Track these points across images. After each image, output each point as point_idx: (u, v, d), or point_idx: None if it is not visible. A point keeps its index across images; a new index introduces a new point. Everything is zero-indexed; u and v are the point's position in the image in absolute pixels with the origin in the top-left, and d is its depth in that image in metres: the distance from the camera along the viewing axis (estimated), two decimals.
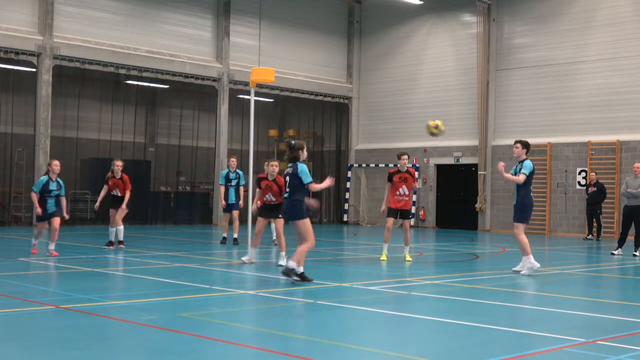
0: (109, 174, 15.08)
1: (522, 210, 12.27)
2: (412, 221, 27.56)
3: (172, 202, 25.86)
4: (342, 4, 29.76)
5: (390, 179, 14.00)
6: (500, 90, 25.99)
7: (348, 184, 29.80)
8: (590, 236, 22.04)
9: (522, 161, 12.24)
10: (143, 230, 21.77)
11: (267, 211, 12.64)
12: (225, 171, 16.94)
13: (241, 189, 16.65)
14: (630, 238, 16.36)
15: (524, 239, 11.96)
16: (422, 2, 27.30)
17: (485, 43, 25.94)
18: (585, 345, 6.42)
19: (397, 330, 7.28)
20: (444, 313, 8.05)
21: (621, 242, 16.18)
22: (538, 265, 11.95)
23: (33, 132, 22.27)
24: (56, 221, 13.45)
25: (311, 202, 10.41)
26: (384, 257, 13.95)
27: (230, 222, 16.93)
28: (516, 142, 12.40)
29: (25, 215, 22.30)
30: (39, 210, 13.30)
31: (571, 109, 24.22)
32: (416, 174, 27.61)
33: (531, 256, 11.93)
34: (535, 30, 25.25)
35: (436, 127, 12.52)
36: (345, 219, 29.60)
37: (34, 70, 22.23)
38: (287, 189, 10.35)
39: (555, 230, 24.32)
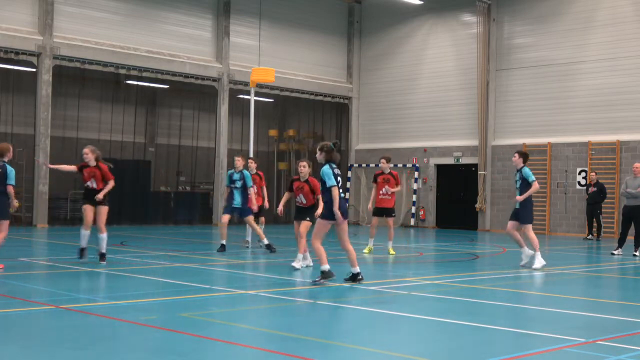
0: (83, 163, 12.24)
1: (530, 212, 13.46)
2: (412, 221, 27.67)
3: (172, 202, 25.85)
4: (342, 4, 29.77)
5: (375, 180, 15.21)
6: (500, 90, 25.99)
7: (348, 184, 29.80)
8: (590, 236, 22.04)
9: (520, 169, 13.16)
10: (143, 230, 21.76)
11: (297, 213, 12.32)
12: (230, 171, 15.64)
13: (251, 190, 14.73)
14: (630, 238, 16.35)
15: (535, 236, 13.20)
16: (422, 2, 27.30)
17: (485, 43, 25.94)
18: (585, 345, 6.42)
19: (397, 330, 7.28)
20: (444, 313, 8.05)
21: (621, 242, 16.18)
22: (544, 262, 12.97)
23: (33, 132, 22.27)
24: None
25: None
26: (367, 251, 15.00)
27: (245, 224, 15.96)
28: (515, 152, 13.42)
29: (26, 215, 22.31)
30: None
31: (571, 109, 24.22)
32: (417, 173, 27.70)
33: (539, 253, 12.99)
34: (535, 30, 25.25)
35: None
36: None
37: (34, 70, 22.24)
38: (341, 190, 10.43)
39: (555, 230, 24.31)
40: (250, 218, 14.80)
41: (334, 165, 10.44)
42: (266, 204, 15.67)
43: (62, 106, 23.39)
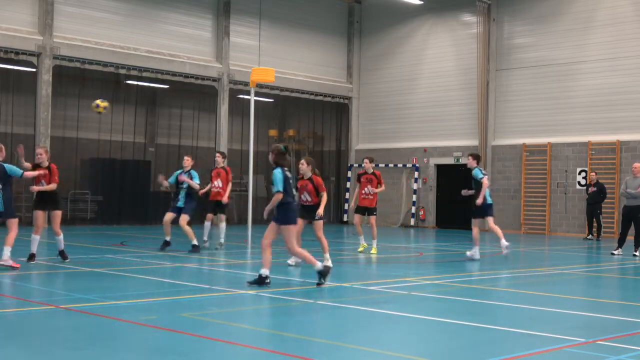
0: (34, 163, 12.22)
1: (491, 207, 14.94)
2: (413, 221, 27.66)
3: (172, 202, 25.80)
4: (342, 4, 29.76)
5: (358, 179, 15.78)
6: (500, 90, 25.98)
7: (348, 184, 29.80)
8: (590, 236, 22.03)
9: (473, 170, 14.54)
10: (143, 230, 21.75)
11: (304, 212, 12.13)
12: (178, 171, 15.30)
13: (196, 186, 14.80)
14: (630, 238, 16.34)
15: (478, 232, 14.83)
16: (422, 2, 27.29)
17: (485, 43, 25.93)
18: (585, 345, 6.42)
19: (397, 330, 7.28)
20: (444, 313, 8.05)
21: (621, 242, 16.18)
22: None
23: (33, 132, 22.26)
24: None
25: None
26: (361, 249, 15.56)
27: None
28: (469, 155, 14.83)
29: (25, 215, 22.29)
30: None
31: (571, 109, 24.22)
32: (417, 173, 27.68)
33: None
34: (535, 30, 25.25)
35: (97, 106, 13.39)
36: (345, 219, 29.59)
37: (34, 70, 22.23)
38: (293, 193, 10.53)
39: (555, 230, 24.32)
40: (184, 219, 14.61)
41: (286, 169, 10.51)
42: (225, 199, 15.56)
43: (62, 106, 23.38)
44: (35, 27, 22.10)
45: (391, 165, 28.65)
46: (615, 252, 16.08)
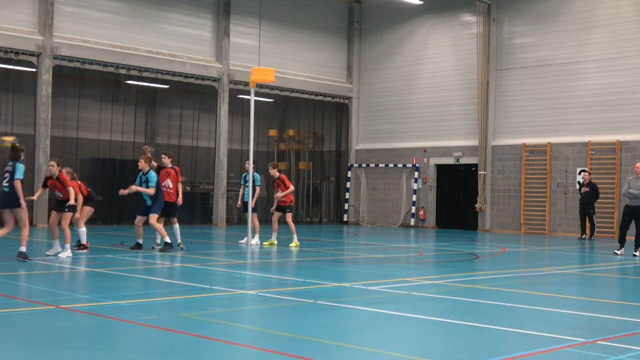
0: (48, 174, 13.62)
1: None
2: (413, 221, 27.68)
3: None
4: (342, 4, 29.76)
5: (273, 184, 17.36)
6: (500, 90, 25.99)
7: (348, 184, 29.81)
8: (584, 236, 22.00)
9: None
10: (143, 230, 21.70)
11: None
12: (140, 174, 15.21)
13: (153, 188, 14.81)
14: (630, 238, 16.31)
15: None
16: (422, 2, 27.30)
17: (485, 43, 25.94)
18: (585, 345, 6.42)
19: (397, 330, 7.28)
20: (444, 313, 8.05)
21: (622, 241, 16.13)
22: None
23: (33, 132, 22.26)
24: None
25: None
26: (268, 243, 16.82)
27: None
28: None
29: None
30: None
31: (571, 109, 24.23)
32: (417, 173, 27.67)
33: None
34: (535, 30, 25.25)
35: (2, 141, 13.73)
36: (345, 219, 29.60)
37: (34, 70, 22.24)
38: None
39: (555, 230, 24.32)
40: (153, 218, 14.70)
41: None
42: (179, 201, 15.35)
43: (62, 106, 23.39)
44: (35, 27, 22.10)
45: (391, 165, 28.65)
46: (619, 252, 16.02)
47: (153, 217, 14.69)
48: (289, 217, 16.88)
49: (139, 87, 25.17)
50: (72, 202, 13.14)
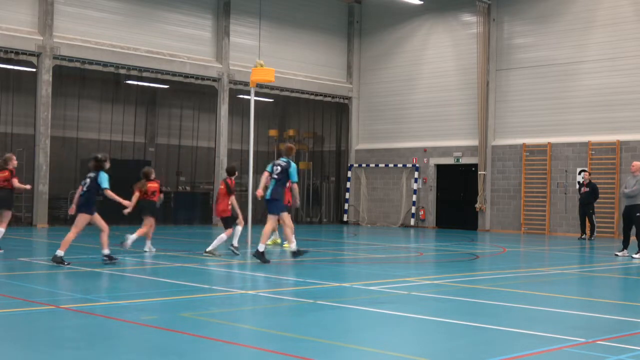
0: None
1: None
2: (413, 221, 27.68)
3: (172, 202, 25.83)
4: (342, 4, 29.76)
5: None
6: (500, 90, 25.99)
7: (348, 184, 29.81)
8: (583, 236, 21.98)
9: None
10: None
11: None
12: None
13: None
14: (633, 239, 16.21)
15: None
16: (422, 2, 27.30)
17: (485, 43, 25.94)
18: (585, 345, 6.42)
19: (397, 330, 7.28)
20: (444, 313, 8.05)
21: (625, 244, 16.02)
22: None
23: (33, 132, 22.27)
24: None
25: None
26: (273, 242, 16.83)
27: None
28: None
29: (26, 215, 22.31)
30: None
31: (571, 109, 24.23)
32: (417, 173, 27.66)
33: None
34: (535, 30, 25.25)
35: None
36: (345, 219, 29.60)
37: (34, 70, 22.24)
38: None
39: (555, 230, 24.32)
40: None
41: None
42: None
43: (62, 106, 23.39)
44: (35, 27, 22.10)
45: (391, 165, 28.65)
46: (619, 254, 15.85)
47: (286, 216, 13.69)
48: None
49: (139, 87, 25.18)
50: None
